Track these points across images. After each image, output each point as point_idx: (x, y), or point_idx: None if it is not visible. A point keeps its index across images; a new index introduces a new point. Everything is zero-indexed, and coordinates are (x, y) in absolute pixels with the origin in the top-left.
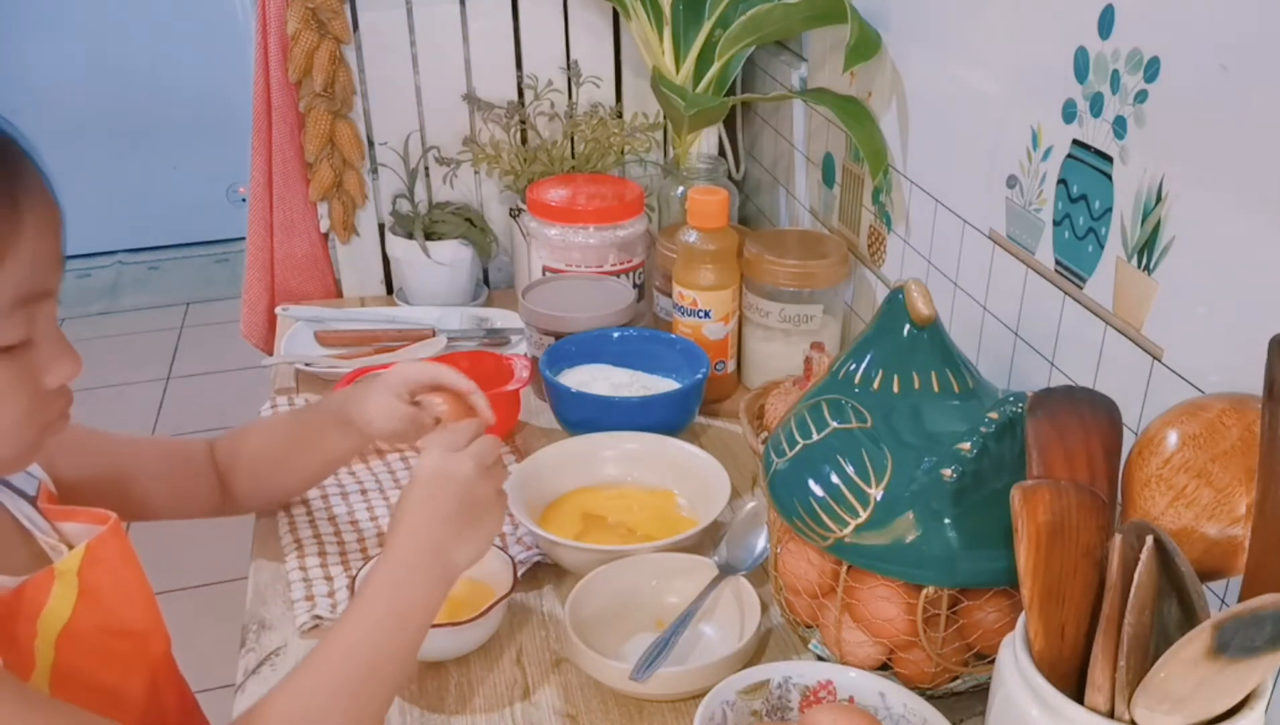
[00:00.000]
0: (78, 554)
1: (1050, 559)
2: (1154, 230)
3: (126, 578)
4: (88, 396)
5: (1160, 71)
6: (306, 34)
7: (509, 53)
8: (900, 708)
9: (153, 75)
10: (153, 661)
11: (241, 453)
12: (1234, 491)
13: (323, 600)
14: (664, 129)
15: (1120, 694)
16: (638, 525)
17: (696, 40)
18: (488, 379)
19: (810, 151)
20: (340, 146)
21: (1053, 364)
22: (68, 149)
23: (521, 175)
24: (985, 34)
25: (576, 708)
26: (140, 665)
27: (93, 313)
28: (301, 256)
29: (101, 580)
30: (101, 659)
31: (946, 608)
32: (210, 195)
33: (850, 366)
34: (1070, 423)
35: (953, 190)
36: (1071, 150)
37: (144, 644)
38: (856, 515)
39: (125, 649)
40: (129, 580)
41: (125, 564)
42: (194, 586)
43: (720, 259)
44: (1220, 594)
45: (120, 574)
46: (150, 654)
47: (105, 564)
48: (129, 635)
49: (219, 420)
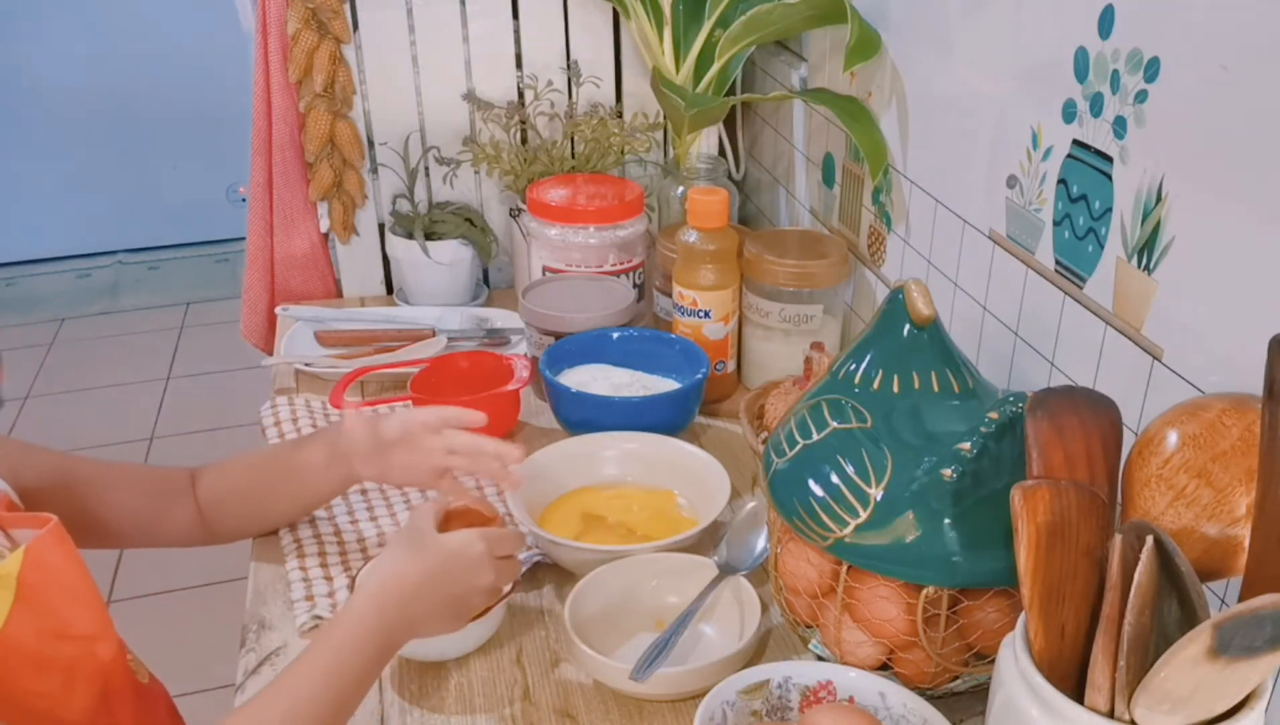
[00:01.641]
0: (16, 557)
1: (1050, 559)
2: (1154, 230)
3: (70, 580)
4: (88, 396)
5: (1160, 71)
6: (306, 34)
7: (509, 53)
8: (900, 708)
9: (153, 75)
10: (102, 667)
11: (226, 483)
12: (1234, 491)
13: (322, 600)
14: (664, 129)
15: (1120, 694)
16: (638, 525)
17: (696, 40)
18: (488, 379)
19: (810, 151)
20: (340, 146)
21: (1053, 364)
22: (68, 149)
23: (521, 175)
24: (985, 34)
25: (576, 708)
26: (86, 671)
27: (93, 313)
28: (301, 256)
29: (43, 583)
30: (39, 667)
31: (946, 608)
32: (210, 195)
33: (850, 366)
34: (1070, 423)
35: (953, 190)
36: (1071, 150)
37: (90, 648)
38: (856, 515)
39: (68, 654)
40: (73, 583)
41: (68, 566)
42: (194, 586)
43: (720, 259)
44: (1220, 594)
45: (63, 576)
46: (98, 659)
47: (47, 567)
48: (72, 639)
49: (219, 420)
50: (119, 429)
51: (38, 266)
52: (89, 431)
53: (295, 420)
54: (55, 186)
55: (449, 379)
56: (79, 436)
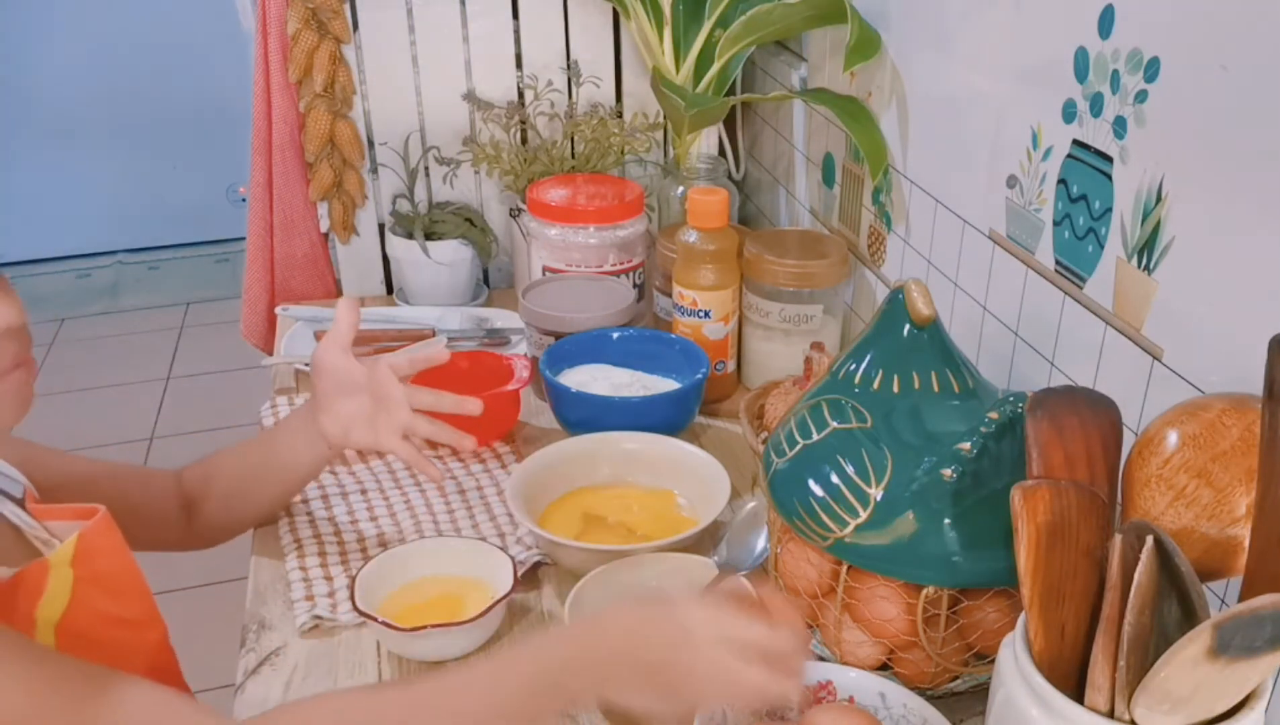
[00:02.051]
0: (70, 545)
1: (1050, 559)
2: (1154, 230)
3: (120, 568)
4: (88, 396)
5: (1160, 71)
6: (306, 34)
7: (509, 53)
8: (900, 708)
9: (153, 75)
10: (150, 651)
11: (213, 476)
12: (1234, 491)
13: (323, 600)
14: (664, 129)
15: (1120, 694)
16: (638, 525)
17: (696, 40)
18: (488, 379)
19: (810, 151)
20: (340, 146)
21: (1053, 364)
22: (68, 149)
23: (521, 175)
24: (985, 34)
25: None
26: (138, 655)
27: (93, 313)
28: (301, 256)
29: (95, 570)
30: (100, 649)
31: (946, 608)
32: (210, 195)
33: (850, 366)
34: (1070, 423)
35: (953, 190)
36: (1071, 150)
37: (141, 633)
38: (856, 515)
39: (122, 639)
40: (122, 570)
41: (117, 554)
42: (194, 586)
43: (720, 259)
44: (1220, 594)
45: (113, 564)
46: (147, 643)
47: (98, 554)
48: (125, 625)
49: (219, 420)
50: (119, 429)
51: (38, 266)
52: (89, 431)
53: None
54: (55, 186)
55: (449, 379)
56: (79, 436)
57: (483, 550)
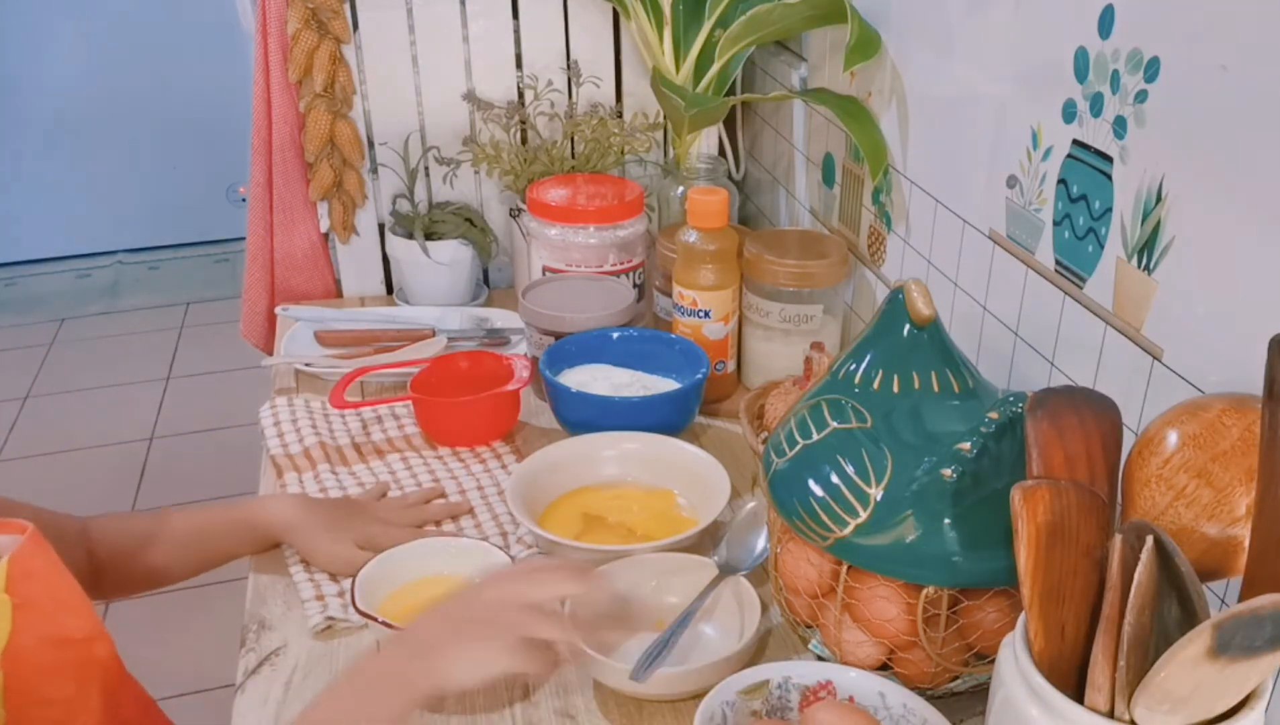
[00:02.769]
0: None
1: (1050, 559)
2: (1154, 230)
3: (57, 585)
4: (88, 396)
5: (1160, 71)
6: (306, 34)
7: (509, 53)
8: (900, 708)
9: (153, 75)
10: (102, 667)
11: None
12: (1234, 491)
13: (333, 600)
14: (664, 129)
15: (1120, 694)
16: (638, 525)
17: (696, 40)
18: (488, 379)
19: (810, 151)
20: (340, 146)
21: (1053, 364)
22: (68, 149)
23: (521, 175)
24: (985, 34)
25: (576, 708)
26: (90, 673)
27: (93, 313)
28: (301, 256)
29: (32, 594)
30: (50, 673)
31: (946, 608)
32: (210, 195)
33: (850, 366)
34: (1070, 423)
35: (953, 190)
36: (1071, 150)
37: (89, 650)
38: (856, 515)
39: (71, 659)
40: (60, 588)
41: (53, 572)
42: (194, 586)
43: (720, 259)
44: (1220, 594)
45: (50, 583)
46: (97, 660)
47: (33, 577)
48: (72, 644)
49: (219, 420)
50: (119, 429)
51: (38, 266)
52: (89, 431)
53: (295, 420)
54: (55, 186)
55: (449, 379)
56: (79, 436)
57: (483, 550)
